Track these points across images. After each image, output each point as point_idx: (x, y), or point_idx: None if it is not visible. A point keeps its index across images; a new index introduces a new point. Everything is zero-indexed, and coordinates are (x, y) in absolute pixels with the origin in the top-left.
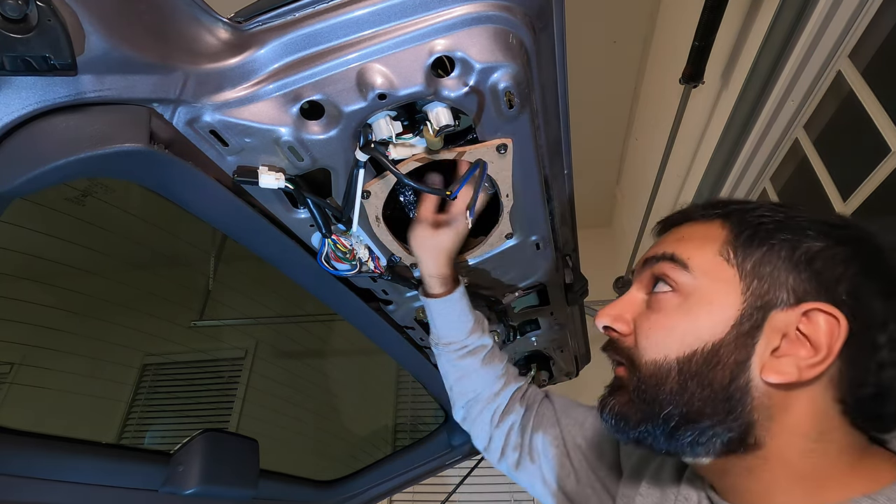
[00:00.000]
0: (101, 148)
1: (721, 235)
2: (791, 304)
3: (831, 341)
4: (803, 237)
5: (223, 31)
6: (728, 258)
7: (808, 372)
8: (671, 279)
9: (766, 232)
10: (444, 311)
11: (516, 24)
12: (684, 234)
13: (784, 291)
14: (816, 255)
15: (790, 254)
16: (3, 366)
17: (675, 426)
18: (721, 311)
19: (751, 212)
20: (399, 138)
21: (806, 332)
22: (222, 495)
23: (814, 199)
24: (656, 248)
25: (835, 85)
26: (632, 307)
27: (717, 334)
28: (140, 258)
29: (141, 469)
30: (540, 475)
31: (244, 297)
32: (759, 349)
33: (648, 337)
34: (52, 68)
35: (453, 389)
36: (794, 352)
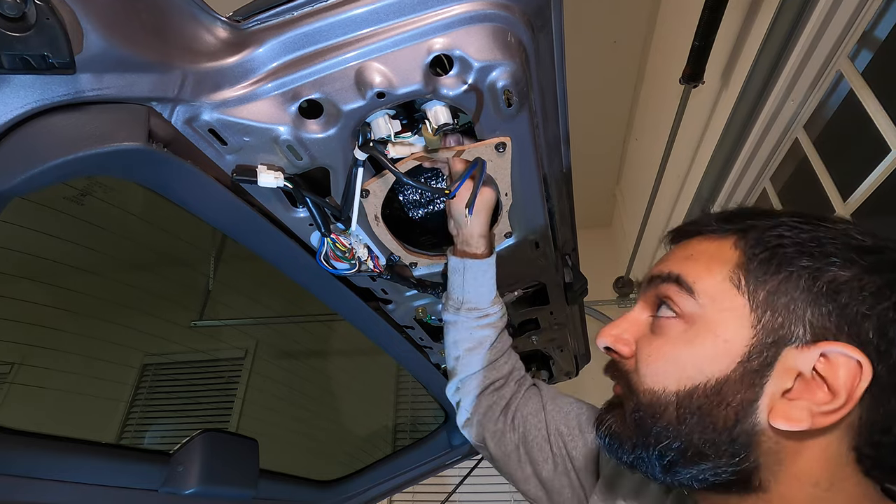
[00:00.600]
0: (99, 147)
1: (733, 257)
2: (808, 342)
3: (851, 387)
4: (827, 264)
5: (222, 30)
6: (738, 285)
7: (822, 419)
8: (675, 304)
9: (785, 256)
10: (480, 274)
11: (515, 23)
12: (694, 250)
13: (801, 327)
14: (842, 287)
15: (811, 284)
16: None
17: (672, 461)
18: (727, 344)
19: (770, 230)
20: (398, 137)
21: (824, 375)
22: (222, 495)
23: (814, 199)
24: (663, 264)
25: (835, 85)
26: (635, 328)
27: (722, 370)
28: (140, 258)
29: (141, 469)
30: (517, 454)
31: (244, 297)
32: (768, 390)
33: (649, 364)
34: (51, 67)
35: (460, 360)
36: (809, 396)
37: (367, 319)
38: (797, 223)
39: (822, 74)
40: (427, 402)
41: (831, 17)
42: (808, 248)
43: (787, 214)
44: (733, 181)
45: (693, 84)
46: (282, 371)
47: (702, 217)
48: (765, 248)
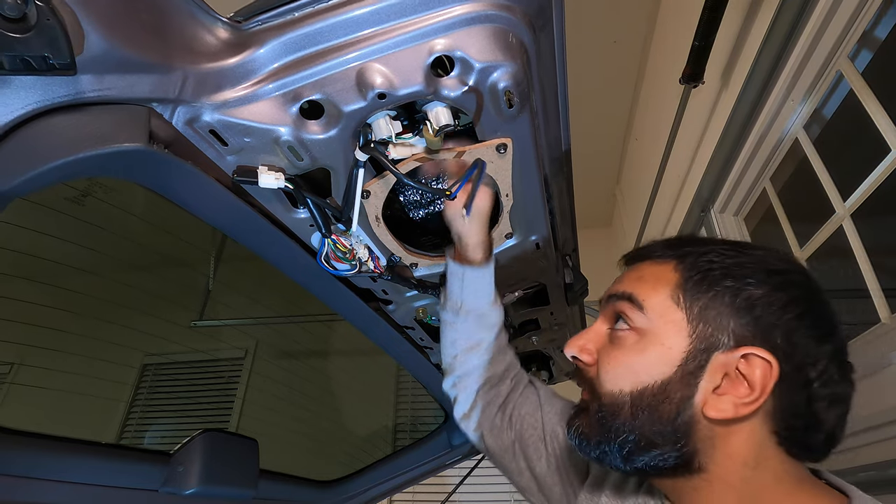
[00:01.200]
0: (100, 147)
1: (673, 279)
2: (731, 347)
3: (764, 382)
4: (745, 284)
5: (223, 31)
6: (678, 302)
7: (743, 409)
8: (629, 318)
9: (713, 278)
10: (478, 280)
11: (516, 24)
12: (643, 273)
13: (726, 335)
14: (756, 302)
15: (733, 300)
16: (3, 366)
17: (629, 451)
18: (670, 351)
19: (702, 255)
20: (399, 138)
21: (744, 373)
22: (222, 495)
23: (814, 199)
24: (618, 285)
25: (835, 85)
26: (596, 339)
27: (666, 373)
28: (140, 258)
29: (141, 469)
30: (512, 449)
31: (244, 297)
32: (702, 387)
33: (608, 371)
34: (52, 68)
35: (457, 358)
36: (733, 391)
37: (368, 320)
38: (724, 251)
39: (822, 74)
40: (427, 402)
41: (831, 17)
42: (732, 271)
43: (717, 243)
44: (733, 181)
45: (693, 84)
46: (282, 371)
47: (650, 244)
48: (698, 272)
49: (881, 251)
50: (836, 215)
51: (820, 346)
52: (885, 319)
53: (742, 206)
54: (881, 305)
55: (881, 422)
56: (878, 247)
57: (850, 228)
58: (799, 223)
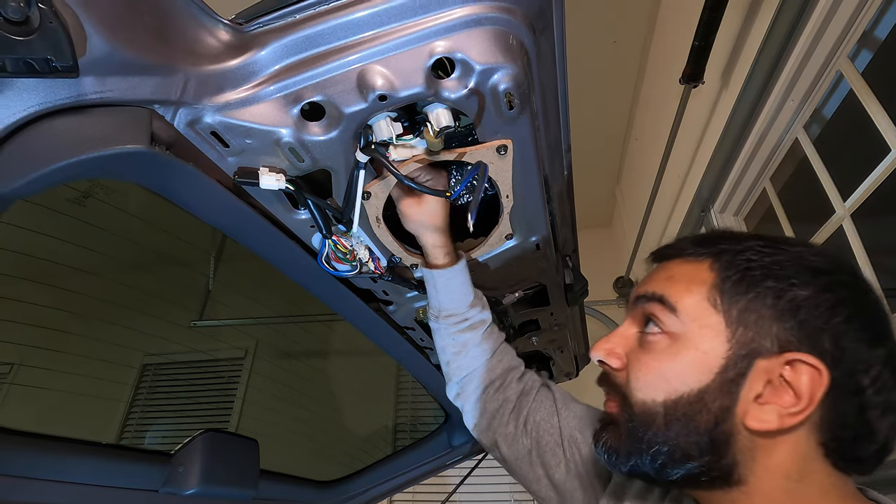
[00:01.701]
0: (102, 149)
1: (709, 279)
2: (775, 353)
3: (812, 390)
4: (789, 285)
5: (224, 33)
6: (715, 304)
7: (788, 420)
8: (660, 321)
9: (753, 278)
10: (447, 283)
11: (516, 26)
12: (674, 272)
13: (768, 340)
14: (801, 304)
15: (775, 302)
16: (3, 366)
17: (663, 463)
18: (707, 357)
19: (739, 254)
20: (399, 139)
21: (789, 380)
22: (223, 496)
23: (814, 200)
24: (647, 285)
25: (835, 85)
26: (625, 342)
27: (703, 380)
28: (140, 258)
29: (141, 469)
30: (528, 457)
31: (244, 297)
32: (742, 396)
33: (639, 378)
34: (54, 70)
35: (450, 364)
36: (777, 400)
37: (368, 320)
38: (761, 247)
39: (822, 74)
40: (427, 402)
41: (831, 17)
42: (773, 270)
43: (752, 239)
44: (733, 181)
45: (693, 84)
46: (282, 371)
47: (680, 241)
48: (736, 271)
49: (881, 251)
50: (836, 215)
51: (872, 350)
52: None
53: (742, 206)
54: None
55: None
56: (878, 247)
57: (850, 228)
58: (799, 223)
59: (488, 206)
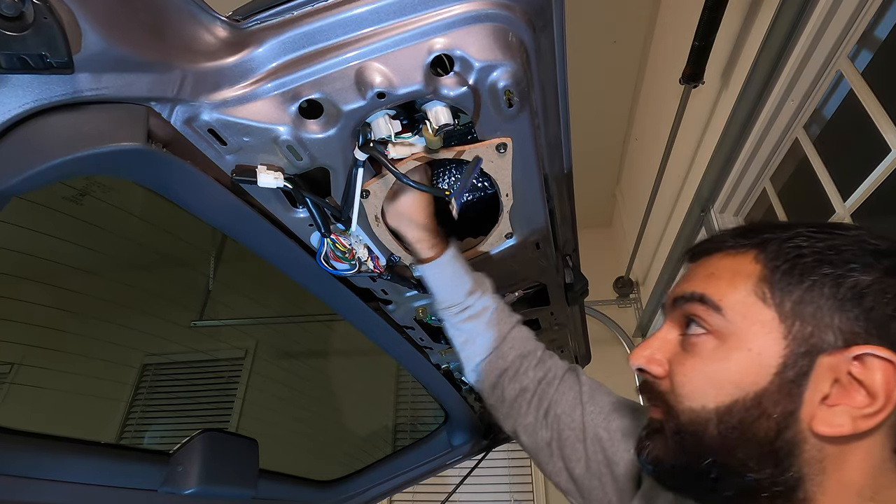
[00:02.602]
0: (98, 146)
1: (755, 271)
2: (840, 348)
3: (889, 388)
4: (848, 270)
5: (221, 30)
6: (764, 298)
7: (863, 422)
8: (704, 321)
9: (806, 266)
10: (437, 275)
11: (516, 23)
12: (714, 268)
13: (830, 333)
14: (865, 291)
15: (835, 290)
16: (3, 366)
17: (716, 478)
18: (761, 357)
19: (787, 241)
20: (398, 137)
21: (860, 378)
22: (222, 495)
23: (814, 199)
24: (685, 284)
25: (835, 85)
26: (665, 347)
27: (759, 383)
28: (140, 258)
29: (140, 469)
30: (549, 448)
31: (244, 297)
32: (807, 398)
33: (684, 384)
34: (49, 66)
35: (462, 353)
36: (848, 400)
37: (368, 320)
38: (812, 233)
39: (822, 74)
40: (427, 402)
41: (831, 17)
42: (827, 255)
43: (800, 225)
44: (733, 181)
45: (693, 84)
46: (282, 371)
47: (718, 235)
48: (785, 260)
49: None
50: (836, 215)
51: None
52: None
53: (742, 206)
54: None
55: None
56: None
57: None
58: None
59: (488, 205)
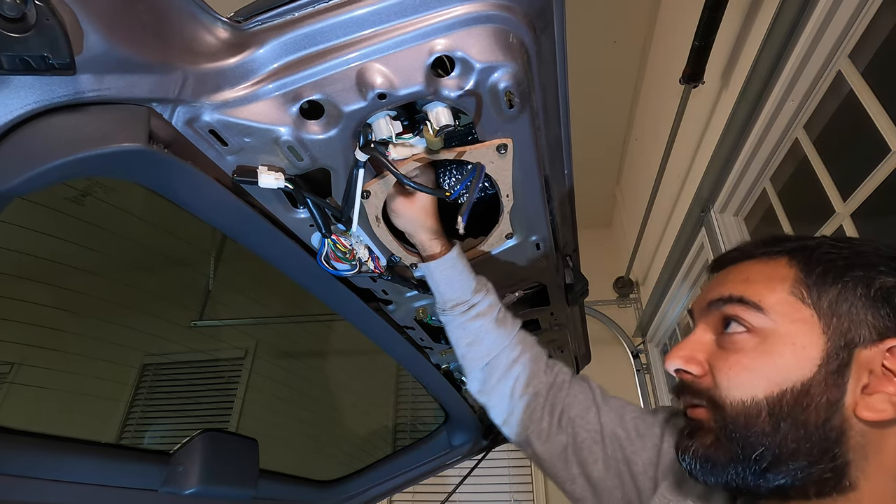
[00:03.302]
0: (100, 147)
1: (790, 275)
2: (874, 341)
3: None
4: (876, 273)
5: (222, 31)
6: (802, 297)
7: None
8: (745, 321)
9: (838, 269)
10: (445, 271)
11: (516, 24)
12: (748, 274)
13: (865, 328)
14: (893, 290)
15: (866, 290)
16: (3, 366)
17: (766, 467)
18: (806, 350)
19: (816, 248)
20: (399, 138)
21: (892, 368)
22: (222, 495)
23: (814, 199)
24: (720, 288)
25: (835, 85)
26: (702, 347)
27: (805, 374)
28: (140, 258)
29: (141, 469)
30: (564, 455)
31: (244, 297)
32: (850, 388)
33: (730, 378)
34: (51, 67)
35: (466, 357)
36: (885, 388)
37: (368, 320)
38: (835, 243)
39: (822, 74)
40: (427, 402)
41: (831, 17)
42: (855, 260)
43: (819, 238)
44: (733, 181)
45: (693, 84)
46: (282, 371)
47: (744, 245)
48: (819, 264)
49: None
50: (836, 215)
51: None
52: None
53: (742, 206)
54: None
55: None
56: None
57: (850, 228)
58: (799, 223)
59: (488, 206)
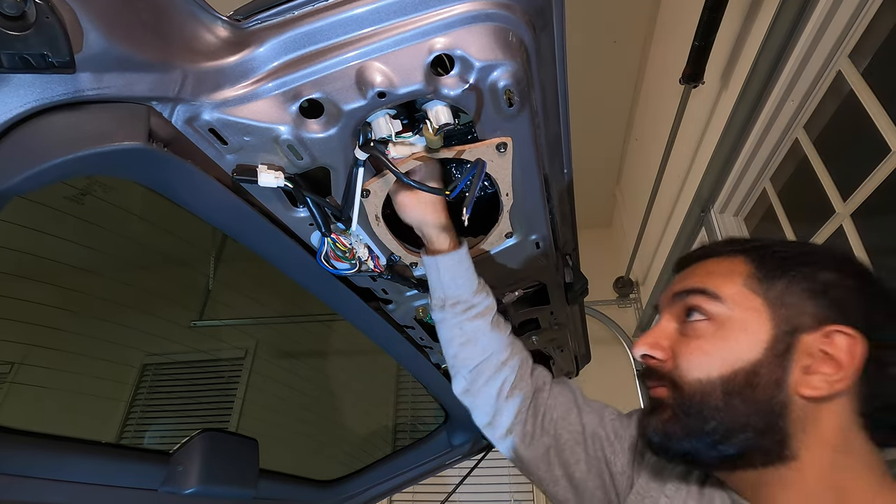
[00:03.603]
0: (99, 146)
1: (745, 270)
2: (815, 328)
3: (851, 356)
4: (818, 269)
5: (222, 29)
6: (754, 290)
7: (836, 385)
8: (705, 309)
9: (786, 265)
10: (452, 267)
11: (516, 23)
12: (710, 269)
13: (807, 317)
14: (831, 285)
15: (810, 284)
16: (3, 366)
17: (718, 439)
18: (755, 335)
19: (769, 247)
20: (398, 137)
21: (830, 352)
22: (222, 495)
23: (814, 199)
24: (685, 282)
25: (835, 85)
26: (666, 335)
27: (755, 356)
28: (140, 258)
29: (141, 469)
30: (547, 456)
31: (244, 297)
32: (793, 368)
33: (690, 360)
34: (51, 66)
35: (457, 356)
36: (823, 369)
37: (368, 319)
38: (786, 243)
39: (822, 74)
40: (427, 402)
41: (831, 17)
42: (802, 259)
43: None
44: (733, 181)
45: (693, 84)
46: (282, 371)
47: (707, 245)
48: (770, 260)
49: (881, 251)
50: (836, 215)
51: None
52: None
53: (742, 206)
54: None
55: None
56: (878, 247)
57: (850, 228)
58: (799, 223)
59: (488, 204)
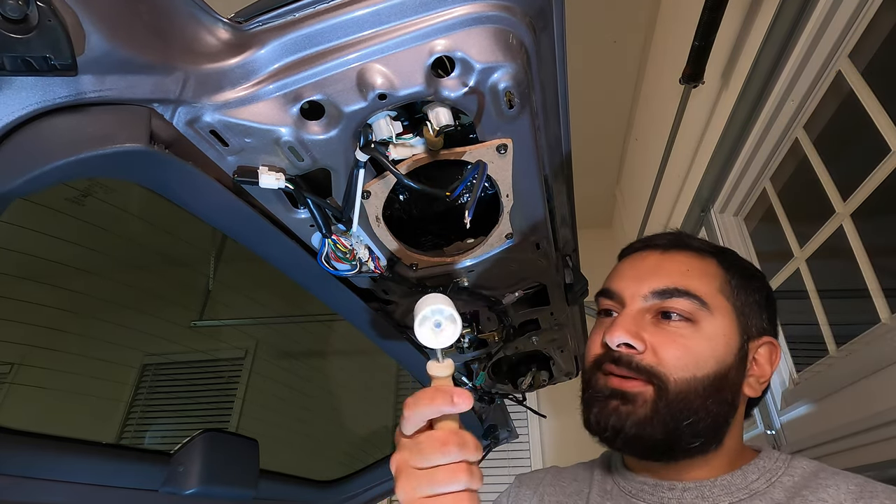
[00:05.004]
0: (101, 148)
1: (719, 275)
2: (757, 336)
3: (772, 364)
4: (762, 284)
5: (223, 31)
6: (727, 296)
7: (760, 387)
8: (686, 312)
9: (745, 277)
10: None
11: (516, 24)
12: (687, 266)
13: (754, 327)
14: (767, 299)
15: (760, 297)
16: (3, 366)
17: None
18: (728, 339)
19: (733, 255)
20: (399, 138)
21: (762, 358)
22: (222, 495)
23: (814, 199)
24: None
25: (835, 85)
26: (643, 326)
27: (728, 359)
28: (140, 258)
29: (141, 469)
30: None
31: (244, 297)
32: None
33: (678, 358)
34: (53, 68)
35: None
36: (758, 372)
37: (368, 320)
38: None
39: (822, 74)
40: None
41: (831, 17)
42: (755, 272)
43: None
44: (733, 181)
45: (693, 84)
46: (282, 371)
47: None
48: (737, 269)
49: (881, 251)
50: (836, 215)
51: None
52: (885, 319)
53: (742, 206)
54: (881, 305)
55: (881, 422)
56: (878, 247)
57: (850, 228)
58: (799, 223)
59: (488, 206)
